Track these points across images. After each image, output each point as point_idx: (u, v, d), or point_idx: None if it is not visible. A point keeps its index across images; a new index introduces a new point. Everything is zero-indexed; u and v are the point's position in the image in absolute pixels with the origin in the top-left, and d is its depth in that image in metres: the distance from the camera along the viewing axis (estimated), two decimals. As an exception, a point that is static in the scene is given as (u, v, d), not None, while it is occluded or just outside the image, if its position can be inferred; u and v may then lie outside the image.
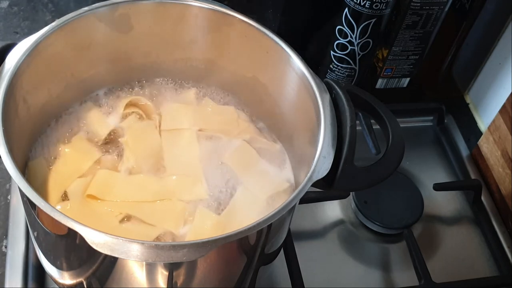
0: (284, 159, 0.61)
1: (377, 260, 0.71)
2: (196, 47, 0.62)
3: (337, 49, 0.77)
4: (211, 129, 0.62)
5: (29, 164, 0.55)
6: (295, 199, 0.46)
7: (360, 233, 0.73)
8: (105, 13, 0.56)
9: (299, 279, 0.64)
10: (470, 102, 0.90)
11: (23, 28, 0.73)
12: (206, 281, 0.51)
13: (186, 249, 0.42)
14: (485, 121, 0.86)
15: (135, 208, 0.54)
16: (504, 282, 0.70)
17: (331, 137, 0.51)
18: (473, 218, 0.78)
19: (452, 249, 0.74)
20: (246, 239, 0.47)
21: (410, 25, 0.76)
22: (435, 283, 0.67)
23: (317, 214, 0.74)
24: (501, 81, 0.82)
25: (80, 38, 0.56)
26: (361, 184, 0.53)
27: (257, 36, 0.58)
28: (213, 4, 0.59)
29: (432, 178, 0.79)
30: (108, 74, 0.62)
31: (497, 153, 0.78)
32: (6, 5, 0.69)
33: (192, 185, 0.57)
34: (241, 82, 0.63)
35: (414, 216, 0.73)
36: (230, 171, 0.59)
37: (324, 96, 0.53)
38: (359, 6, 0.71)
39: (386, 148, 0.53)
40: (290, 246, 0.67)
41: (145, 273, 0.48)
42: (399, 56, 0.81)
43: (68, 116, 0.60)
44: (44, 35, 0.52)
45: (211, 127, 0.62)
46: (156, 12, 0.59)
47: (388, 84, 0.85)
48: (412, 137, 0.85)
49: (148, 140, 0.59)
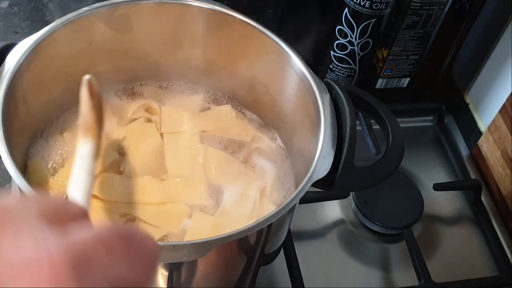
0: (284, 158, 0.61)
1: (377, 260, 0.71)
2: (196, 47, 0.62)
3: (337, 49, 0.77)
4: (211, 129, 0.62)
5: (29, 164, 0.55)
6: (295, 199, 0.46)
7: (360, 233, 0.73)
8: (105, 13, 0.56)
9: (299, 279, 0.64)
10: (470, 102, 0.90)
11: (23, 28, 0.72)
12: (206, 281, 0.51)
13: (186, 249, 0.42)
14: (485, 121, 0.86)
15: (139, 209, 0.54)
16: (504, 282, 0.70)
17: (331, 137, 0.51)
18: (473, 218, 0.78)
19: (452, 249, 0.74)
20: (246, 239, 0.47)
21: (410, 25, 0.76)
22: (435, 283, 0.67)
23: (317, 214, 0.74)
24: (501, 81, 0.82)
25: (80, 38, 0.56)
26: (361, 184, 0.53)
27: (257, 36, 0.58)
28: (213, 4, 0.59)
29: (432, 178, 0.79)
30: (108, 74, 0.61)
31: (497, 153, 0.78)
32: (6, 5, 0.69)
33: (194, 188, 0.57)
34: (241, 82, 0.63)
35: (414, 216, 0.73)
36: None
37: (324, 96, 0.53)
38: (359, 6, 0.71)
39: (386, 148, 0.53)
40: (290, 246, 0.67)
41: (145, 273, 0.48)
42: (399, 56, 0.81)
43: (68, 116, 0.60)
44: (44, 35, 0.52)
45: (211, 128, 0.62)
46: (156, 12, 0.59)
47: (388, 84, 0.85)
48: (412, 137, 0.85)
49: (149, 142, 0.59)
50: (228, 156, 0.60)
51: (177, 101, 0.64)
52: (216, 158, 0.59)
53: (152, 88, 0.64)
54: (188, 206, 0.55)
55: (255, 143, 0.62)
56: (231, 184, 0.58)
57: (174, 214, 0.54)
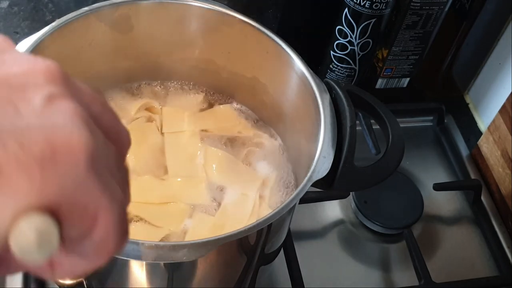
0: (283, 157, 0.61)
1: (377, 260, 0.71)
2: (196, 47, 0.62)
3: (337, 49, 0.77)
4: (212, 129, 0.62)
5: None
6: (295, 199, 0.46)
7: (360, 233, 0.73)
8: (105, 13, 0.56)
9: (299, 279, 0.64)
10: (470, 102, 0.90)
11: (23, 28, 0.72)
12: (206, 281, 0.51)
13: (186, 249, 0.42)
14: (485, 121, 0.86)
15: (140, 209, 0.54)
16: (504, 282, 0.70)
17: (331, 137, 0.51)
18: (473, 218, 0.78)
19: (452, 249, 0.74)
20: (246, 239, 0.47)
21: (410, 25, 0.76)
22: (435, 283, 0.67)
23: (317, 214, 0.74)
24: (501, 81, 0.82)
25: (80, 38, 0.56)
26: (361, 184, 0.53)
27: (257, 36, 0.58)
28: (213, 4, 0.59)
29: (432, 178, 0.79)
30: (108, 74, 0.61)
31: (497, 153, 0.78)
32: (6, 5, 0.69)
33: (194, 187, 0.57)
34: (241, 82, 0.63)
35: (414, 216, 0.73)
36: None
37: (324, 96, 0.53)
38: (359, 6, 0.71)
39: (386, 148, 0.53)
40: (290, 246, 0.67)
41: (145, 273, 0.48)
42: (399, 56, 0.81)
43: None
44: (44, 35, 0.52)
45: (211, 127, 0.62)
46: (156, 12, 0.59)
47: (388, 84, 0.85)
48: (412, 137, 0.85)
49: (150, 141, 0.59)
50: (228, 156, 0.60)
51: (177, 101, 0.64)
52: (217, 158, 0.59)
53: (152, 88, 0.64)
54: (189, 205, 0.55)
55: (255, 143, 0.62)
56: (231, 184, 0.58)
57: (175, 213, 0.55)
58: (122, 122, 0.28)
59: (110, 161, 0.25)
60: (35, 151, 0.22)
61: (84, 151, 0.23)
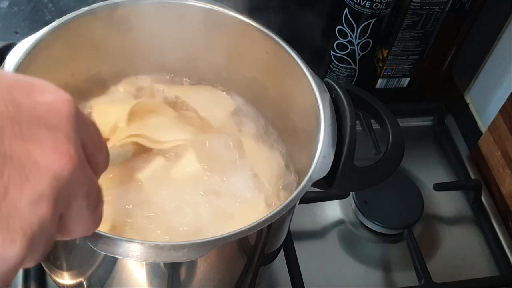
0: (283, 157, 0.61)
1: (377, 260, 0.71)
2: (196, 47, 0.62)
3: (337, 49, 0.77)
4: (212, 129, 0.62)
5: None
6: (295, 199, 0.46)
7: (360, 233, 0.73)
8: (105, 13, 0.56)
9: (299, 279, 0.64)
10: (470, 102, 0.90)
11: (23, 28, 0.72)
12: (206, 281, 0.51)
13: (186, 249, 0.42)
14: (485, 121, 0.86)
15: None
16: (504, 282, 0.70)
17: (331, 137, 0.51)
18: (473, 218, 0.78)
19: (452, 249, 0.74)
20: (246, 239, 0.47)
21: (410, 25, 0.76)
22: (435, 283, 0.67)
23: (317, 214, 0.74)
24: (501, 81, 0.82)
25: (80, 38, 0.56)
26: (361, 184, 0.53)
27: (257, 36, 0.58)
28: (213, 4, 0.58)
29: (432, 178, 0.79)
30: (108, 74, 0.61)
31: (497, 153, 0.78)
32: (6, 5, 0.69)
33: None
34: (240, 82, 0.63)
35: (414, 216, 0.73)
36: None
37: (324, 96, 0.53)
38: (359, 6, 0.71)
39: (386, 148, 0.53)
40: (290, 246, 0.67)
41: (145, 273, 0.48)
42: (399, 56, 0.81)
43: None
44: (44, 35, 0.52)
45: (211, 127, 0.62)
46: (156, 12, 0.59)
47: (388, 84, 0.85)
48: (412, 137, 0.85)
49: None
50: (228, 155, 0.60)
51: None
52: (217, 157, 0.59)
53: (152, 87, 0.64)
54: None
55: (254, 143, 0.62)
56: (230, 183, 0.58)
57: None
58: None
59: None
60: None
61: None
